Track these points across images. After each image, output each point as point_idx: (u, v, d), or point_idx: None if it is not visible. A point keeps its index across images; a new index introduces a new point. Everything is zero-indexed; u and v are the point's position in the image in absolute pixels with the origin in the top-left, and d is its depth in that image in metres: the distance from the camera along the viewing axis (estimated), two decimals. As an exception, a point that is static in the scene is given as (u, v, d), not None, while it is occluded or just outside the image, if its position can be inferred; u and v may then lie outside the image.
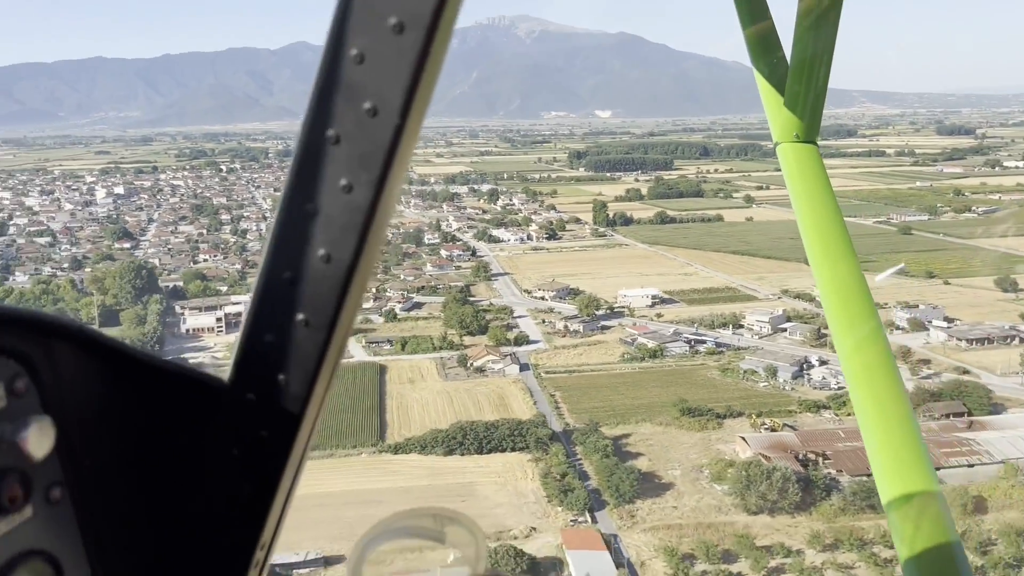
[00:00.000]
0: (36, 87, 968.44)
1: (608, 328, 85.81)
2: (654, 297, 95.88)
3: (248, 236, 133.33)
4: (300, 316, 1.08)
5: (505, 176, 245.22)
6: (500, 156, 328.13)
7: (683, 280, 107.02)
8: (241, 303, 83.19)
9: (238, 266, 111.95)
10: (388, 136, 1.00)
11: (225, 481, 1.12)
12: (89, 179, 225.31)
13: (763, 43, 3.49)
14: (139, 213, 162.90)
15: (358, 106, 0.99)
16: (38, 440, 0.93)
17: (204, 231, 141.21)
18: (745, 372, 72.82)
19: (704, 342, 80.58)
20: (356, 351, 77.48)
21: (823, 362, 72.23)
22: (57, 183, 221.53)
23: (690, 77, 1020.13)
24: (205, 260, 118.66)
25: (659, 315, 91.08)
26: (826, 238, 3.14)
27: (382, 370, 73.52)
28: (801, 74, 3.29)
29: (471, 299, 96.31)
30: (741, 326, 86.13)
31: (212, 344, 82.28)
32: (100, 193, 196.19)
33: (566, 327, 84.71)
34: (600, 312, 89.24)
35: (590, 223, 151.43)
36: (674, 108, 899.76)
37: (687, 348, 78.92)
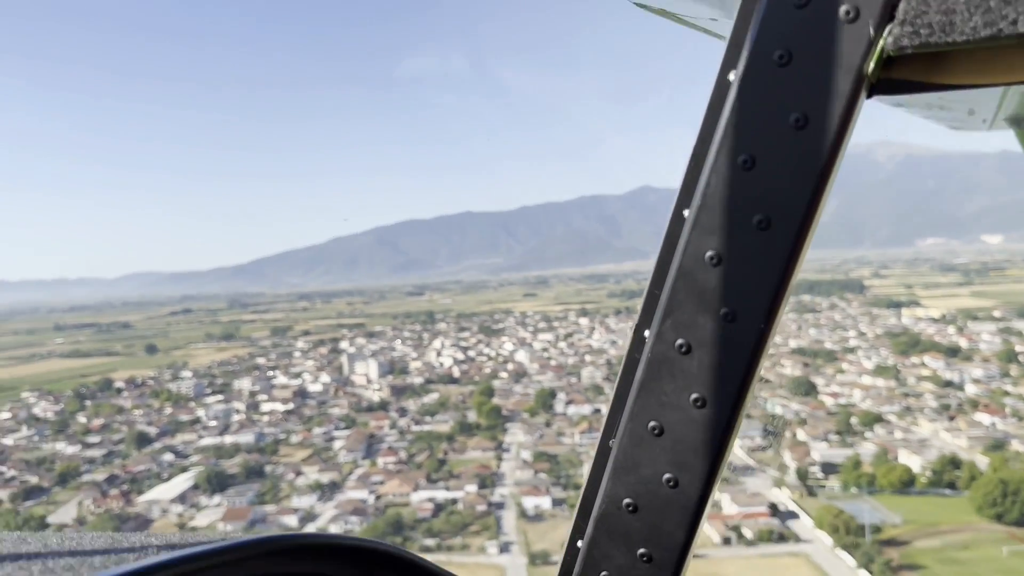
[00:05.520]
0: (417, 241, 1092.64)
1: None
2: None
3: None
4: (641, 550, 1.03)
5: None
6: (986, 286, 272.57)
7: None
8: None
9: None
10: (749, 344, 0.95)
11: None
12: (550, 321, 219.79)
13: None
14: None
15: (715, 311, 0.95)
16: None
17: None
18: None
19: None
20: None
21: None
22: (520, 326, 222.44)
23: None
24: None
25: None
26: None
27: None
28: None
29: None
30: None
31: None
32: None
33: None
34: None
35: None
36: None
37: None
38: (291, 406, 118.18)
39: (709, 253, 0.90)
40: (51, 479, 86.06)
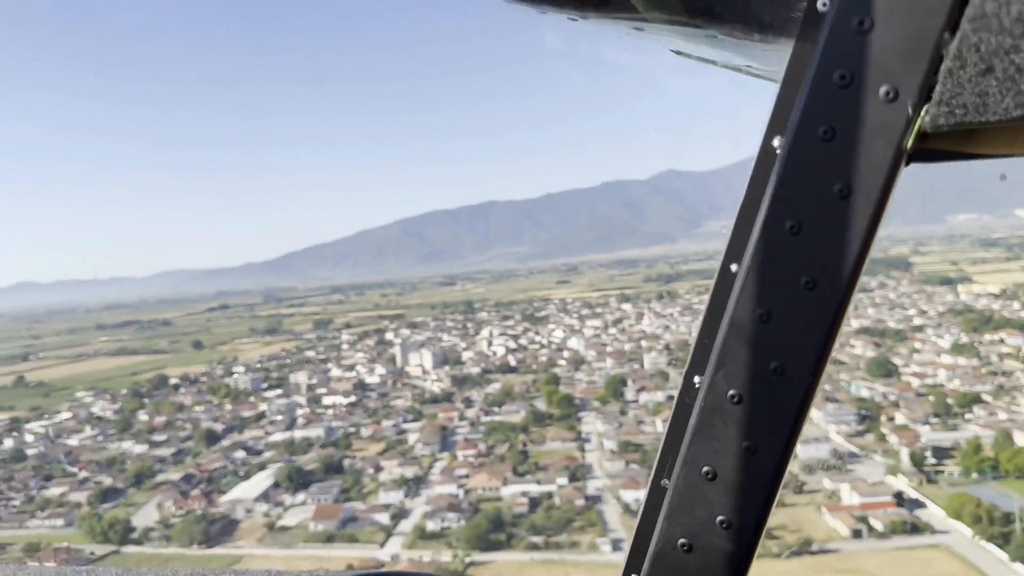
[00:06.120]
0: (442, 231, 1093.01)
1: None
2: None
3: None
4: None
5: None
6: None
7: None
8: None
9: None
10: (797, 396, 0.98)
11: None
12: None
13: None
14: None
15: (765, 365, 0.99)
16: None
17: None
18: None
19: None
20: None
21: None
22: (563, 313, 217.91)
23: None
24: None
25: None
26: None
27: None
28: None
29: None
30: None
31: None
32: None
33: None
34: None
35: None
36: None
37: None
38: (353, 399, 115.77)
39: (759, 310, 0.96)
40: (125, 480, 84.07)
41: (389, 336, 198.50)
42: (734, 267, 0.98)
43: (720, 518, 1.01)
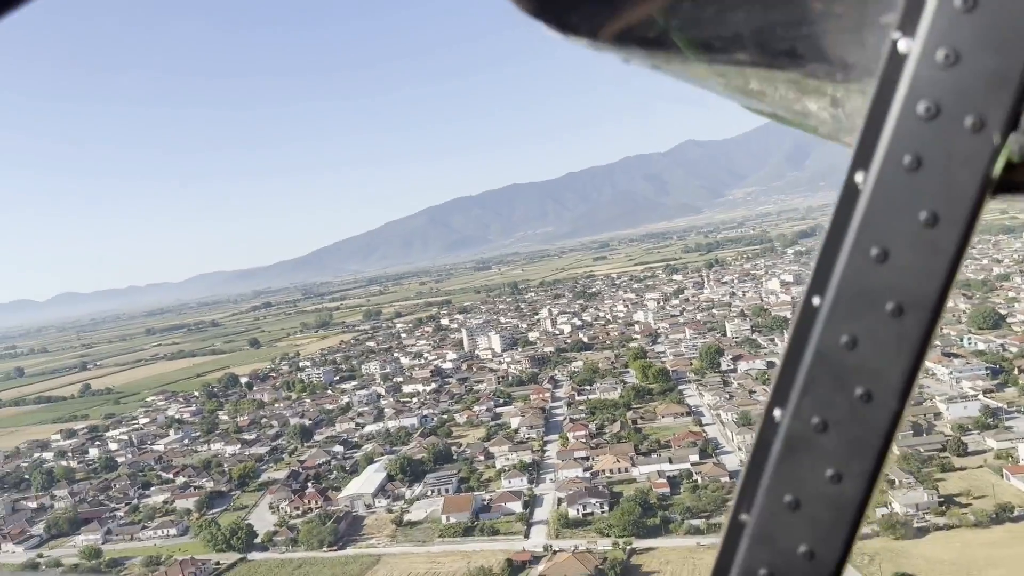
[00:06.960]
0: (466, 217, 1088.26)
1: None
2: None
3: None
4: None
5: None
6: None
7: None
8: None
9: None
10: (884, 423, 0.96)
11: None
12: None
13: None
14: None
15: (851, 392, 0.97)
16: None
17: None
18: None
19: None
20: None
21: None
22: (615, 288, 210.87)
23: None
24: None
25: None
26: None
27: None
28: None
29: None
30: None
31: None
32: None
33: None
34: None
35: None
36: None
37: None
38: (434, 386, 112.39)
39: (844, 338, 0.96)
40: (226, 481, 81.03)
41: (444, 322, 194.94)
42: (816, 300, 0.99)
43: (803, 548, 1.00)
